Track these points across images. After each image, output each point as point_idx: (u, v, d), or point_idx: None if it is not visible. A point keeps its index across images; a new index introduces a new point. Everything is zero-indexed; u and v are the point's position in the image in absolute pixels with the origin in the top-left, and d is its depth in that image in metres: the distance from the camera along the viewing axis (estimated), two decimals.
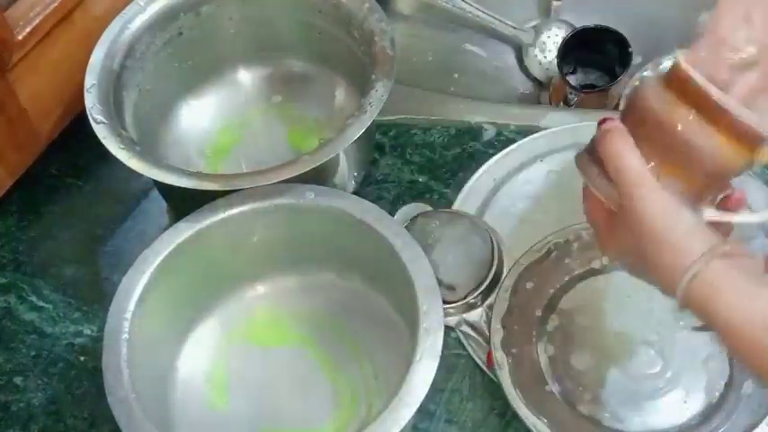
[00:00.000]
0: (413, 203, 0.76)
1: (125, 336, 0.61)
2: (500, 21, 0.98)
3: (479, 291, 0.70)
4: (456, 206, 0.76)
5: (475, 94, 0.88)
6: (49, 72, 0.76)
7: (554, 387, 0.66)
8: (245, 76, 0.85)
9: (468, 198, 0.77)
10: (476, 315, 0.70)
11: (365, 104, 0.69)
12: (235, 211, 0.67)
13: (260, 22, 0.81)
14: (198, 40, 0.80)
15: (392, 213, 0.74)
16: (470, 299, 0.70)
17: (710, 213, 0.52)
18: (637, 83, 0.89)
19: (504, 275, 0.70)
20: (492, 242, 0.72)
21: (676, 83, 0.50)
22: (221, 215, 0.66)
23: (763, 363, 0.48)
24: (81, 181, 0.82)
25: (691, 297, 0.50)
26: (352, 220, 0.66)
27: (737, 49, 0.51)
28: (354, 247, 0.67)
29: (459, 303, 0.69)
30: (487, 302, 0.70)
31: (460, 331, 0.70)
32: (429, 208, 0.75)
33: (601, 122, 0.54)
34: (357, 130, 0.68)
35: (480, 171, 0.79)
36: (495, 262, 0.71)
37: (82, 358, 0.71)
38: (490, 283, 0.70)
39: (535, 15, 1.01)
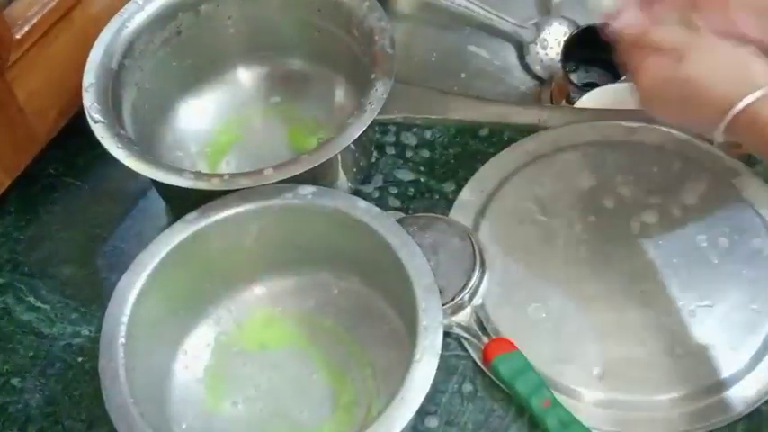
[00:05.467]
0: (387, 212, 0.76)
1: (122, 339, 0.60)
2: (500, 18, 0.98)
3: (466, 291, 0.70)
4: (456, 206, 0.76)
5: (476, 93, 0.87)
6: (47, 71, 0.76)
7: None
8: (245, 76, 0.84)
9: (468, 198, 0.77)
10: (465, 316, 0.70)
11: (365, 104, 0.69)
12: (232, 211, 0.67)
13: (259, 21, 0.81)
14: (197, 39, 0.80)
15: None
16: (458, 300, 0.69)
17: None
18: None
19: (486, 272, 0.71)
20: (471, 241, 0.72)
21: None
22: (219, 216, 0.66)
23: None
24: (79, 181, 0.82)
25: (754, 112, 0.57)
26: (350, 219, 0.66)
27: None
28: (353, 246, 0.67)
29: (447, 305, 0.69)
30: (474, 302, 0.70)
31: (454, 333, 0.69)
32: (402, 215, 0.75)
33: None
34: (357, 130, 0.68)
35: (481, 170, 0.78)
36: (477, 260, 0.71)
37: (80, 359, 0.71)
38: (475, 282, 0.70)
39: (536, 12, 1.01)
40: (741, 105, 0.58)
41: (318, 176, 0.68)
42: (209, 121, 0.83)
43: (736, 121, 0.59)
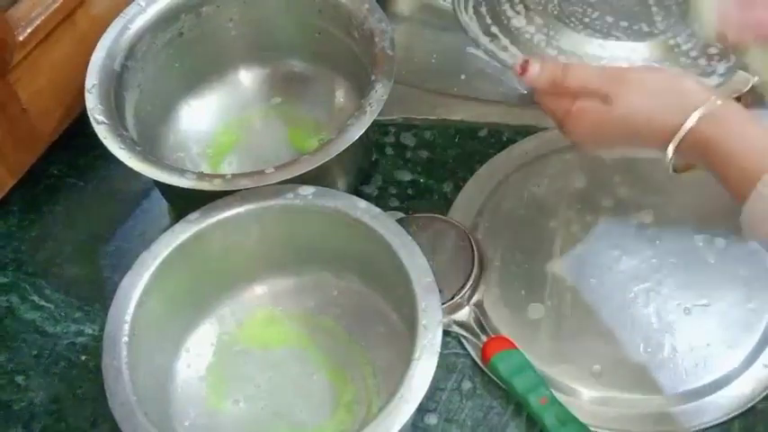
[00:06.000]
0: (387, 212, 0.76)
1: (125, 338, 0.61)
2: None
3: (465, 290, 0.70)
4: (455, 206, 0.77)
5: (475, 94, 0.88)
6: (50, 72, 0.76)
7: None
8: (246, 77, 0.85)
9: (467, 198, 0.77)
10: (464, 314, 0.70)
11: (365, 105, 0.70)
12: (233, 211, 0.67)
13: (260, 23, 0.81)
14: (199, 40, 0.80)
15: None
16: (457, 299, 0.70)
17: None
18: None
19: (485, 272, 0.72)
20: (470, 241, 0.73)
21: None
22: (220, 216, 0.67)
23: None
24: (82, 181, 0.82)
25: (698, 132, 0.56)
26: (350, 219, 0.66)
27: None
28: (353, 246, 0.68)
29: (446, 304, 0.69)
30: (473, 301, 0.70)
31: (453, 332, 0.70)
32: (402, 215, 0.76)
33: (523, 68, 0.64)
34: (357, 131, 0.68)
35: (480, 171, 0.79)
36: (476, 260, 0.71)
37: (83, 357, 0.71)
38: (474, 281, 0.71)
39: None
40: (683, 131, 0.57)
41: (319, 177, 0.68)
42: (211, 121, 0.83)
43: (683, 145, 0.57)
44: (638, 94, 0.59)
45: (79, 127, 0.78)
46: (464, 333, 0.70)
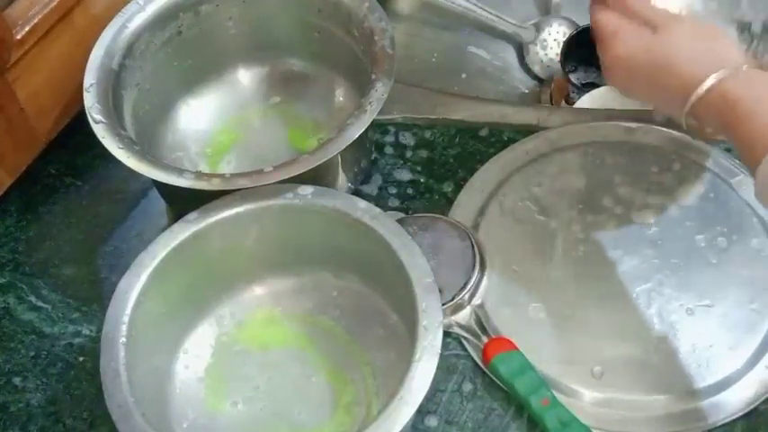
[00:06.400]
0: (387, 212, 0.76)
1: (123, 339, 0.60)
2: (500, 18, 0.98)
3: (465, 291, 0.70)
4: (456, 206, 0.76)
5: (475, 93, 0.87)
6: (47, 71, 0.76)
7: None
8: (245, 76, 0.84)
9: (468, 198, 0.77)
10: (464, 315, 0.70)
11: (365, 104, 0.69)
12: (232, 211, 0.66)
13: (259, 22, 0.81)
14: (197, 39, 0.80)
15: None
16: (458, 299, 0.70)
17: None
18: None
19: (486, 272, 0.71)
20: (471, 241, 0.72)
21: None
22: (218, 216, 0.66)
23: None
24: (80, 181, 0.82)
25: (720, 90, 0.58)
26: (350, 219, 0.66)
27: None
28: (352, 246, 0.67)
29: (447, 305, 0.69)
30: (474, 301, 0.70)
31: (453, 333, 0.70)
32: (402, 215, 0.75)
33: None
34: (357, 130, 0.68)
35: (480, 171, 0.79)
36: (478, 260, 0.71)
37: (81, 359, 0.71)
38: (474, 281, 0.70)
39: (535, 13, 1.01)
40: (708, 83, 0.59)
41: (318, 176, 0.68)
42: (210, 121, 0.83)
43: (706, 99, 0.59)
44: (685, 35, 0.62)
45: (77, 126, 0.77)
46: (465, 334, 0.69)
